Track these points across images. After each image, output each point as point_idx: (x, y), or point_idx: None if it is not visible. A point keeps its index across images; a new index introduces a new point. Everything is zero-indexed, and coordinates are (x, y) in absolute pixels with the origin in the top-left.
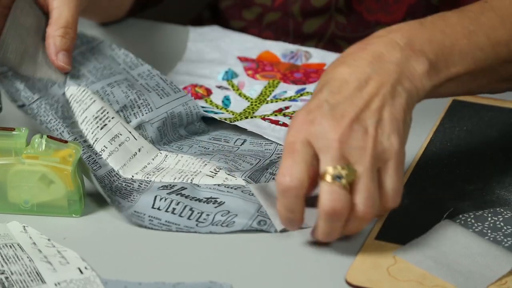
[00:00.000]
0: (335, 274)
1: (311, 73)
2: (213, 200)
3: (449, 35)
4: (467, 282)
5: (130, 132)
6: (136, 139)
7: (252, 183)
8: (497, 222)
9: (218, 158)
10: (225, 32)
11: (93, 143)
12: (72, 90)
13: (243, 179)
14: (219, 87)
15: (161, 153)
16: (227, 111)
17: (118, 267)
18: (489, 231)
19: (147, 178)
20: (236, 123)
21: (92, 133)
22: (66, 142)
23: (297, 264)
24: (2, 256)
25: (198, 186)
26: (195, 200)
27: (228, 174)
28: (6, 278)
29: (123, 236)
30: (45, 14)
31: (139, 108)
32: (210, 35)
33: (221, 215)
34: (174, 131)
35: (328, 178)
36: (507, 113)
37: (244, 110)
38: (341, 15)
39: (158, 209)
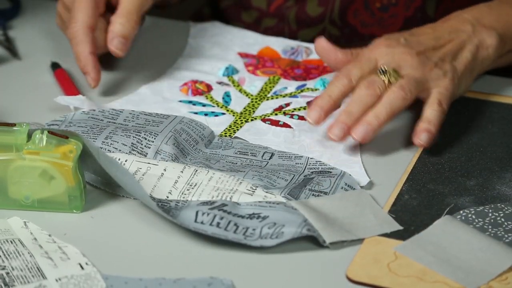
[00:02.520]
0: (336, 269)
1: (312, 69)
2: (256, 215)
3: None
4: (468, 278)
5: (149, 163)
6: (157, 165)
7: (293, 200)
8: (498, 218)
9: (252, 176)
10: (226, 28)
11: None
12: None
13: (283, 196)
14: (220, 83)
15: (189, 166)
16: (227, 110)
17: (118, 262)
18: (490, 226)
19: (183, 197)
20: (237, 133)
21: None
22: (67, 137)
23: (298, 260)
24: (3, 252)
25: (239, 204)
26: (238, 216)
27: (266, 192)
28: (7, 273)
29: (124, 231)
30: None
31: (146, 139)
32: (211, 31)
33: (268, 228)
34: (195, 149)
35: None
36: (508, 108)
37: (244, 108)
38: (335, 28)
39: (202, 223)
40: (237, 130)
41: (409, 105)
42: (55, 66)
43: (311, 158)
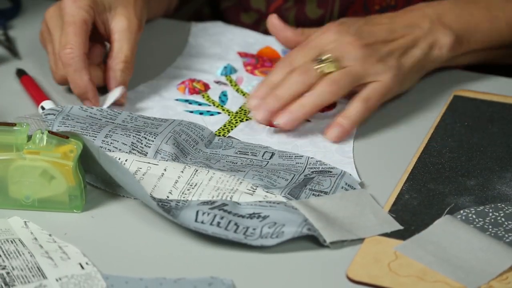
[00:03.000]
0: (336, 269)
1: None
2: (256, 215)
3: (476, 16)
4: (468, 277)
5: (149, 163)
6: (157, 164)
7: (293, 199)
8: (498, 218)
9: (252, 176)
10: (227, 27)
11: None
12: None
13: (283, 196)
14: (217, 82)
15: (189, 166)
16: (223, 109)
17: (119, 262)
18: (490, 226)
19: (184, 197)
20: (231, 133)
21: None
22: (67, 137)
23: (298, 259)
24: (3, 251)
25: (239, 204)
26: (238, 216)
27: (267, 192)
28: (7, 273)
29: (124, 231)
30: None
31: (146, 138)
32: (212, 30)
33: (268, 227)
34: (195, 149)
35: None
36: (508, 108)
37: (240, 108)
38: None
39: (202, 222)
40: (232, 129)
41: (339, 98)
42: (20, 73)
43: (311, 158)
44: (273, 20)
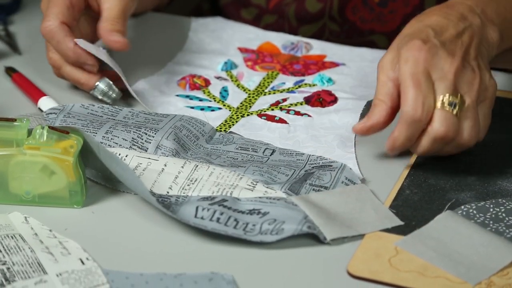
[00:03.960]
0: (337, 264)
1: (311, 65)
2: (256, 211)
3: (509, 11)
4: (469, 273)
5: (149, 158)
6: (158, 160)
7: (293, 195)
8: (499, 213)
9: (252, 171)
10: (227, 23)
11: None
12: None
13: (283, 192)
14: (218, 77)
15: (189, 161)
16: (224, 105)
17: (119, 258)
18: (491, 222)
19: (184, 193)
20: (232, 129)
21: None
22: (67, 133)
23: (299, 255)
24: (3, 247)
25: (239, 199)
26: (238, 212)
27: (267, 187)
28: (8, 268)
29: (125, 227)
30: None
31: (147, 134)
32: (212, 26)
33: (268, 224)
34: (196, 145)
35: (443, 105)
36: (509, 103)
37: (241, 103)
38: (335, 24)
39: (202, 218)
40: (233, 125)
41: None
42: (10, 71)
43: (312, 155)
44: (358, 130)
